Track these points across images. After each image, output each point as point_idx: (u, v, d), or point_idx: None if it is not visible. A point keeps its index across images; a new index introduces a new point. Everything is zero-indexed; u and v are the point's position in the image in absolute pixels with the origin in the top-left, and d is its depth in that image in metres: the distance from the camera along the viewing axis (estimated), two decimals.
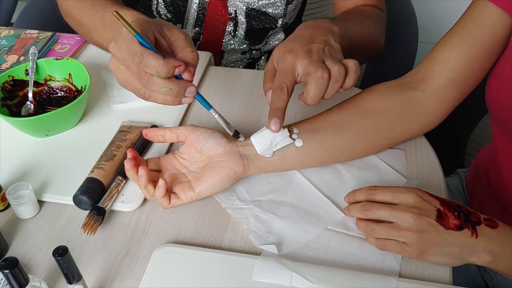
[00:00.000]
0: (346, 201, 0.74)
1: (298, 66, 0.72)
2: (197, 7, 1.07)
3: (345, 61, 0.73)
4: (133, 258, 0.70)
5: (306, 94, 0.72)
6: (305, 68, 0.71)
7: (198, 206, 0.76)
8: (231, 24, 1.08)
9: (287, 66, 0.72)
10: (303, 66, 0.71)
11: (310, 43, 0.74)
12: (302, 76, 0.72)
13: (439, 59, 0.80)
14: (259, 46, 1.14)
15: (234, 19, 1.08)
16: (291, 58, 0.72)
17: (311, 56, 0.72)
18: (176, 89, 0.70)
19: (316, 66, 0.70)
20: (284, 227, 0.73)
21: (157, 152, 0.83)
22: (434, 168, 0.81)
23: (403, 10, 1.24)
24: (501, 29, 0.75)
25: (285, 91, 0.71)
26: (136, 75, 0.69)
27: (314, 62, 0.71)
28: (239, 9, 1.06)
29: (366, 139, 0.80)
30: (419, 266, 0.69)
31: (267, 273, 0.67)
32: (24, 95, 0.90)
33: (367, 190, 0.71)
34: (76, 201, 0.74)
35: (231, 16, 1.07)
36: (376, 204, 0.69)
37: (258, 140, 0.75)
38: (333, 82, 0.71)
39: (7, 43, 1.02)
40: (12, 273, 0.56)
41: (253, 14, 1.07)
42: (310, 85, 0.71)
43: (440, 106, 0.81)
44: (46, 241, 0.73)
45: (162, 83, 0.69)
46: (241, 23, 1.08)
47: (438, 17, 1.90)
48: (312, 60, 0.71)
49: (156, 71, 0.67)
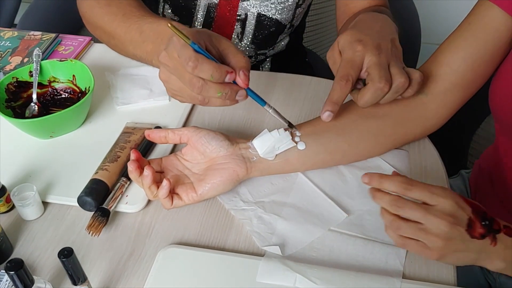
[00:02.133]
0: (366, 182, 0.67)
1: (366, 60, 0.70)
2: (204, 10, 1.06)
3: (409, 71, 0.72)
4: (137, 259, 0.71)
5: (361, 97, 0.71)
6: (371, 67, 0.70)
7: (202, 207, 0.77)
8: (238, 27, 1.07)
9: (356, 57, 0.71)
10: (370, 64, 0.70)
11: (379, 38, 0.73)
12: (364, 72, 0.71)
13: (443, 62, 0.79)
14: (265, 51, 1.13)
15: (242, 24, 1.07)
16: (361, 49, 0.71)
17: (380, 55, 0.71)
18: (229, 93, 0.69)
19: (380, 75, 0.70)
20: (288, 228, 0.73)
21: (161, 153, 0.83)
22: (437, 169, 0.81)
23: (406, 11, 1.24)
24: (505, 32, 0.75)
25: (350, 83, 0.70)
26: (189, 83, 0.68)
27: (380, 66, 0.70)
28: (250, 13, 1.05)
29: (369, 141, 0.80)
30: (423, 267, 0.69)
31: (270, 274, 0.67)
32: (28, 96, 0.90)
33: (401, 183, 0.64)
34: (81, 202, 0.74)
35: (240, 19, 1.06)
36: (411, 203, 0.64)
37: (260, 143, 0.75)
38: (393, 92, 0.71)
39: (11, 45, 1.03)
40: (17, 275, 0.56)
41: (262, 20, 1.06)
42: (368, 91, 0.70)
43: (443, 109, 0.81)
44: (50, 242, 0.73)
45: (216, 88, 0.68)
46: (248, 29, 1.07)
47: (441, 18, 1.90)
48: (380, 62, 0.70)
49: (211, 74, 0.66)
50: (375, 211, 0.75)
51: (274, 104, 0.91)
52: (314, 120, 0.80)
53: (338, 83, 0.70)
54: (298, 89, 0.95)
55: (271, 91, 0.95)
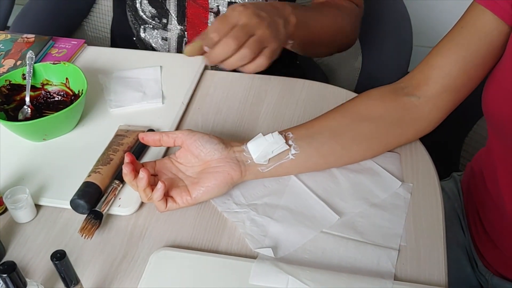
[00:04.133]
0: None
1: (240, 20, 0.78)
2: (176, 1, 1.07)
3: (264, 52, 0.79)
4: (130, 262, 0.71)
5: (212, 50, 0.78)
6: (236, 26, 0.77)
7: (195, 210, 0.77)
8: (212, 16, 1.07)
9: (233, 15, 0.79)
10: (237, 27, 0.78)
11: (263, 12, 0.80)
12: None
13: (435, 65, 0.80)
14: None
15: (216, 13, 1.07)
16: (241, 9, 0.79)
17: (251, 19, 0.78)
18: None
19: (236, 35, 0.76)
20: (280, 230, 0.73)
21: (154, 156, 0.83)
22: (429, 172, 0.82)
23: (397, 13, 1.24)
24: (497, 36, 0.76)
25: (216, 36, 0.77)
26: None
27: (243, 28, 0.77)
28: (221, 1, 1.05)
29: (361, 144, 0.80)
30: (415, 269, 0.70)
31: (263, 276, 0.67)
32: (21, 99, 0.90)
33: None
34: (74, 205, 0.74)
35: (212, 11, 1.06)
36: None
37: (254, 147, 0.75)
38: (237, 58, 0.77)
39: (4, 48, 1.02)
40: (10, 277, 0.56)
41: None
42: (218, 44, 0.77)
43: (435, 112, 0.81)
44: (43, 245, 0.73)
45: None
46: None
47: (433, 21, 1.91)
48: (246, 25, 0.77)
49: None
50: (367, 214, 0.76)
51: (267, 107, 0.92)
52: (307, 123, 0.80)
53: (206, 35, 0.78)
54: (290, 92, 0.96)
55: (264, 94, 0.95)
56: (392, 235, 0.73)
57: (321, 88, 0.97)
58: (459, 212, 1.00)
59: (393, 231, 0.73)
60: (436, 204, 0.77)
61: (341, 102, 0.83)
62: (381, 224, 0.74)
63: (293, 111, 0.92)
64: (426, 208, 0.77)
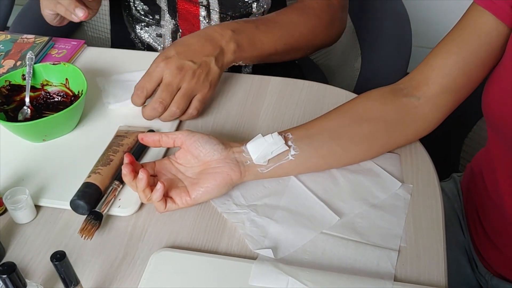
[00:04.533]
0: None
1: (163, 77, 0.85)
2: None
3: (193, 102, 0.87)
4: (130, 262, 0.71)
5: (143, 110, 0.86)
6: (160, 86, 0.85)
7: (194, 211, 0.77)
8: (203, 9, 1.07)
9: (156, 72, 0.85)
10: (162, 82, 0.84)
11: (191, 56, 0.86)
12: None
13: (434, 66, 0.80)
14: None
15: (206, 7, 1.07)
16: (162, 66, 0.84)
17: (176, 76, 0.84)
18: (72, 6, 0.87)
19: (161, 96, 0.84)
20: (280, 231, 0.73)
21: (153, 157, 0.83)
22: (429, 173, 0.82)
23: (397, 14, 1.24)
24: (497, 37, 0.76)
25: (143, 94, 0.85)
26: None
27: (167, 87, 0.84)
28: None
29: (361, 145, 0.80)
30: (414, 270, 0.70)
31: (263, 277, 0.67)
32: (21, 100, 0.90)
33: None
34: (73, 206, 0.74)
35: (202, 4, 1.06)
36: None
37: (254, 148, 0.75)
38: (167, 115, 0.86)
39: (3, 48, 1.02)
40: (10, 278, 0.56)
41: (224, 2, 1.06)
42: (147, 107, 0.85)
43: (435, 113, 0.81)
44: (43, 245, 0.73)
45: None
46: (213, 7, 1.07)
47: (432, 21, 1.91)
48: (169, 83, 0.84)
49: None
50: (367, 214, 0.76)
51: (267, 108, 0.92)
52: (307, 124, 0.80)
53: (135, 92, 0.86)
54: (290, 93, 0.96)
55: (264, 95, 0.95)
56: (392, 236, 0.73)
57: (321, 88, 0.97)
58: (459, 213, 1.00)
59: (393, 232, 0.74)
60: (436, 204, 0.77)
61: (340, 102, 0.83)
62: (381, 225, 0.74)
63: (292, 111, 0.92)
64: (426, 209, 0.77)
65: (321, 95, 0.95)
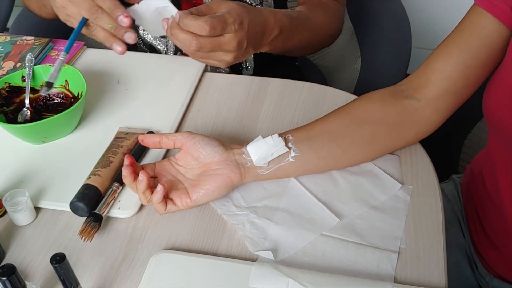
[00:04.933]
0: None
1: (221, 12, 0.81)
2: None
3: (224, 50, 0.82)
4: (130, 264, 0.71)
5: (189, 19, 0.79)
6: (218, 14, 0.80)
7: (194, 212, 0.77)
8: None
9: (214, 4, 0.82)
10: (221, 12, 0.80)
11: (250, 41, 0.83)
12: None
13: (435, 68, 0.80)
14: None
15: None
16: (225, 7, 0.81)
17: (235, 22, 0.80)
18: (117, 28, 0.83)
19: (212, 22, 0.77)
20: (280, 233, 0.73)
21: (153, 159, 0.83)
22: (429, 174, 0.82)
23: (396, 15, 1.24)
24: (497, 39, 0.76)
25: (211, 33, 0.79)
26: (87, 9, 0.82)
27: (222, 20, 0.78)
28: None
29: (361, 147, 0.80)
30: (414, 271, 0.70)
31: (263, 279, 0.67)
32: (20, 101, 0.90)
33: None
34: (73, 207, 0.74)
35: None
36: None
37: (254, 149, 0.75)
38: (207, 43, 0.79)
39: (3, 50, 1.02)
40: (9, 280, 0.56)
41: None
42: (194, 19, 0.78)
43: (436, 115, 0.81)
44: (43, 247, 0.73)
45: (109, 19, 0.82)
46: None
47: (432, 23, 1.91)
48: (223, 20, 0.79)
49: (108, 6, 0.81)
50: (367, 216, 0.76)
51: (267, 109, 0.92)
52: (307, 125, 0.80)
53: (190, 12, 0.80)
54: (290, 95, 0.96)
55: (263, 97, 0.95)
56: (392, 237, 0.73)
57: (321, 90, 0.97)
58: (459, 214, 1.00)
59: (393, 233, 0.73)
60: (436, 206, 0.77)
61: (340, 104, 0.83)
62: (381, 226, 0.74)
63: (292, 113, 0.92)
64: (426, 210, 0.77)
65: (321, 96, 0.95)
